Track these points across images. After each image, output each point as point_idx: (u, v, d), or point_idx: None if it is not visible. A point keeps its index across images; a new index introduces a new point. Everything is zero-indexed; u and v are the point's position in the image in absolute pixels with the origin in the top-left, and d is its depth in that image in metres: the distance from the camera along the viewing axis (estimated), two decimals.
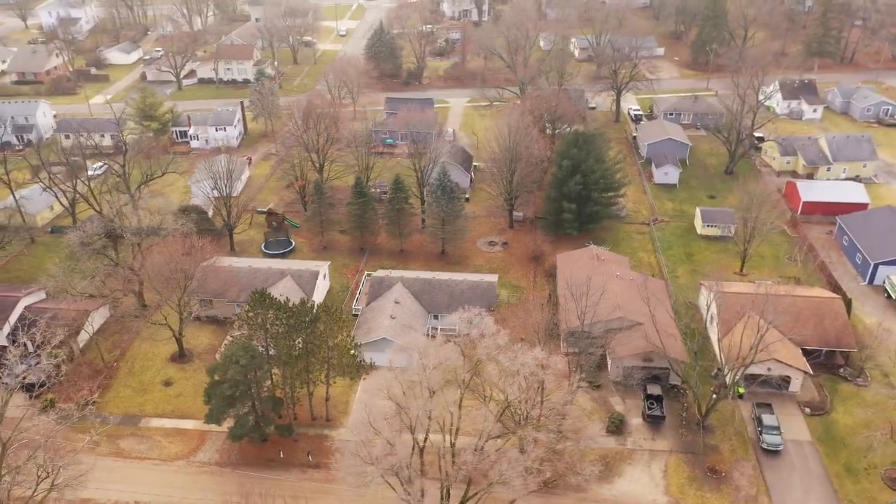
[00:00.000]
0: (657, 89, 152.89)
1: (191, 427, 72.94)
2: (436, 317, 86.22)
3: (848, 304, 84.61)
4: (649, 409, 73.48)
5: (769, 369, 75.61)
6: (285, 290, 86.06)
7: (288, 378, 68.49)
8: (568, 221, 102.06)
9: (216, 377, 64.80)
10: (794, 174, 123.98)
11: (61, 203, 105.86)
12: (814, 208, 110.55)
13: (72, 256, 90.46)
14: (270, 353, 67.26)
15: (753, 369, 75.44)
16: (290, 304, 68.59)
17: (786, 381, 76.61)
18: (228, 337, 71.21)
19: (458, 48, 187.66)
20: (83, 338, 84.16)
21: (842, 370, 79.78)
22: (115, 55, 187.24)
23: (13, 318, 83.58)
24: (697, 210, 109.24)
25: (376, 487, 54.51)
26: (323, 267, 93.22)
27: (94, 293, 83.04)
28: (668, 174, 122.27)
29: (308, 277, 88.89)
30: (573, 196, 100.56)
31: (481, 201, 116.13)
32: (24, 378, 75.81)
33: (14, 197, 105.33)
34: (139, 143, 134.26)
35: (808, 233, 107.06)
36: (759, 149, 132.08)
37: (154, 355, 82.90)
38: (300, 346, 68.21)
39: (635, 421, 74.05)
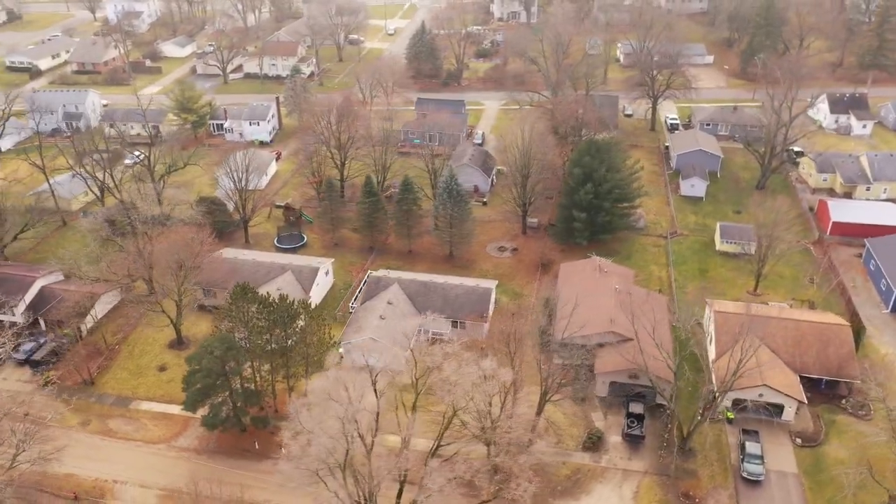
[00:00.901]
0: (699, 98, 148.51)
1: (176, 412, 75.17)
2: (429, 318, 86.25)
3: (857, 331, 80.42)
4: (629, 427, 71.71)
5: (761, 395, 72.64)
6: (284, 285, 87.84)
7: (265, 371, 69.85)
8: (578, 230, 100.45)
9: (194, 366, 66.67)
10: (831, 192, 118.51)
11: (91, 189, 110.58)
12: (844, 229, 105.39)
13: (82, 241, 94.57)
14: (248, 346, 68.67)
15: (744, 394, 73.01)
16: (272, 300, 69.92)
17: (778, 408, 73.44)
18: (215, 328, 73.18)
19: (501, 50, 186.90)
20: (91, 319, 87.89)
21: (843, 401, 75.95)
22: (169, 48, 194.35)
23: (29, 296, 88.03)
24: (718, 225, 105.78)
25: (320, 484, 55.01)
26: (325, 264, 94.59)
27: (105, 277, 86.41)
28: (694, 186, 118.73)
29: (308, 273, 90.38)
30: (584, 205, 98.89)
31: (499, 205, 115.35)
32: (30, 354, 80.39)
33: (48, 181, 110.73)
34: (176, 134, 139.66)
35: (836, 254, 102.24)
36: (796, 164, 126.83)
37: (154, 341, 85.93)
38: (280, 341, 69.47)
39: (614, 438, 72.39)
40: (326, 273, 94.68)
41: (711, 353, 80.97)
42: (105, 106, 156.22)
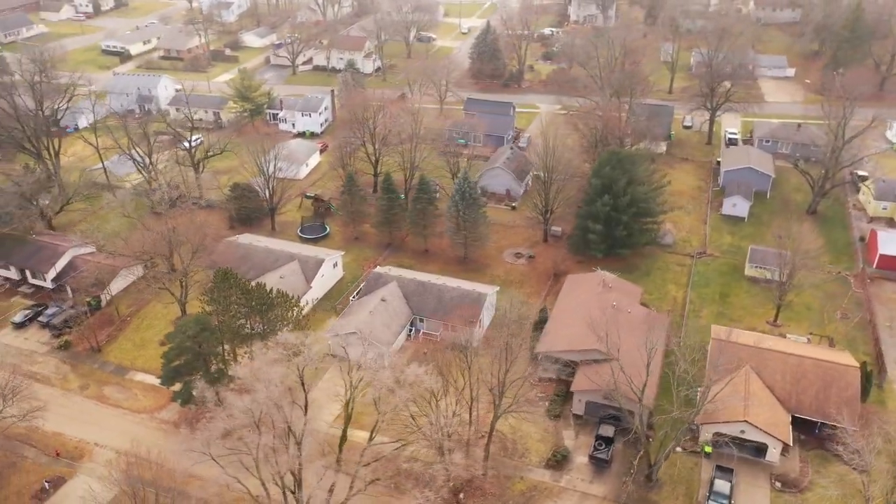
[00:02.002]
0: (769, 113, 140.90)
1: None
2: (421, 319, 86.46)
3: (868, 374, 74.08)
4: (595, 449, 69.29)
5: (742, 431, 68.42)
6: (287, 274, 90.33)
7: (241, 354, 72.23)
8: (594, 243, 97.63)
9: (170, 343, 69.88)
10: (891, 222, 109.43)
11: (139, 169, 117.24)
12: (891, 263, 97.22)
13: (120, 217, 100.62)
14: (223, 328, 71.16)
15: (725, 429, 69.08)
16: (251, 287, 72.17)
17: (762, 448, 68.89)
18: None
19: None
20: (114, 289, 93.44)
21: (840, 448, 70.14)
22: (250, 38, 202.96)
23: (60, 264, 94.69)
24: (750, 248, 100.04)
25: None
26: (334, 256, 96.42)
27: (122, 252, 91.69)
28: (736, 206, 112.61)
29: (313, 264, 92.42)
30: (601, 217, 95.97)
31: (528, 211, 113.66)
32: (50, 318, 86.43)
33: (101, 161, 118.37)
34: (235, 121, 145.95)
35: (878, 290, 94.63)
36: (858, 189, 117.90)
37: (163, 316, 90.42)
38: (257, 327, 71.66)
39: (581, 459, 70.16)
40: (335, 265, 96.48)
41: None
42: (178, 91, 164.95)
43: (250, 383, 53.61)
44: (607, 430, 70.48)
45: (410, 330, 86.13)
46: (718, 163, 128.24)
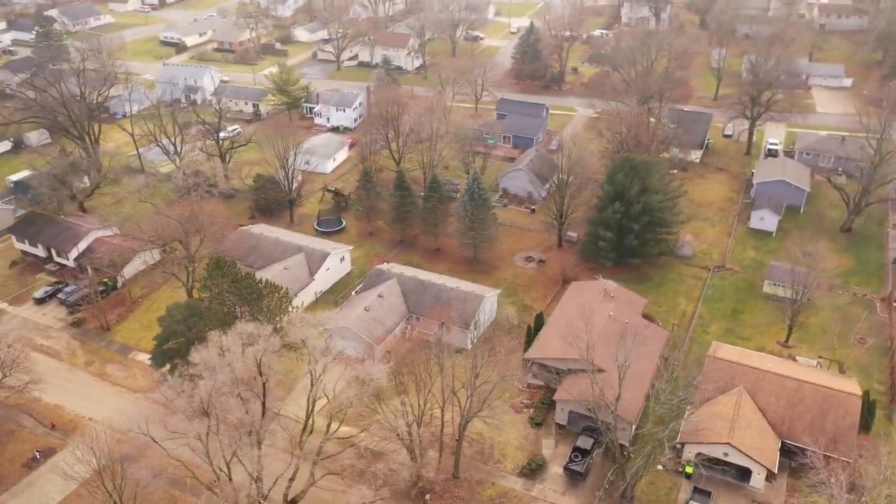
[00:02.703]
0: (816, 124, 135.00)
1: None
2: (417, 318, 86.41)
3: (870, 404, 70.06)
4: (571, 461, 67.87)
5: (725, 454, 65.84)
6: (292, 265, 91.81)
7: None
8: (604, 250, 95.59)
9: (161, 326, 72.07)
10: None
11: (168, 157, 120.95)
12: None
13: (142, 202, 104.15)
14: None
15: (708, 449, 66.64)
16: (242, 276, 73.67)
17: (746, 473, 66.10)
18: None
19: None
20: (129, 271, 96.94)
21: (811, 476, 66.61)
22: (301, 33, 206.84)
23: (82, 245, 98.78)
24: (770, 264, 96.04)
25: None
26: (341, 250, 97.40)
27: (135, 236, 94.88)
28: (764, 219, 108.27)
29: (318, 258, 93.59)
30: (611, 224, 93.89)
31: (543, 214, 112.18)
32: (68, 296, 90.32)
33: (136, 148, 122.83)
34: (273, 114, 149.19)
35: None
36: None
37: (171, 299, 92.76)
38: (246, 315, 73.09)
39: (557, 470, 68.87)
40: (342, 259, 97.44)
41: None
42: (225, 82, 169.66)
43: (201, 371, 54.81)
44: (586, 442, 68.93)
45: (406, 328, 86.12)
46: (753, 174, 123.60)
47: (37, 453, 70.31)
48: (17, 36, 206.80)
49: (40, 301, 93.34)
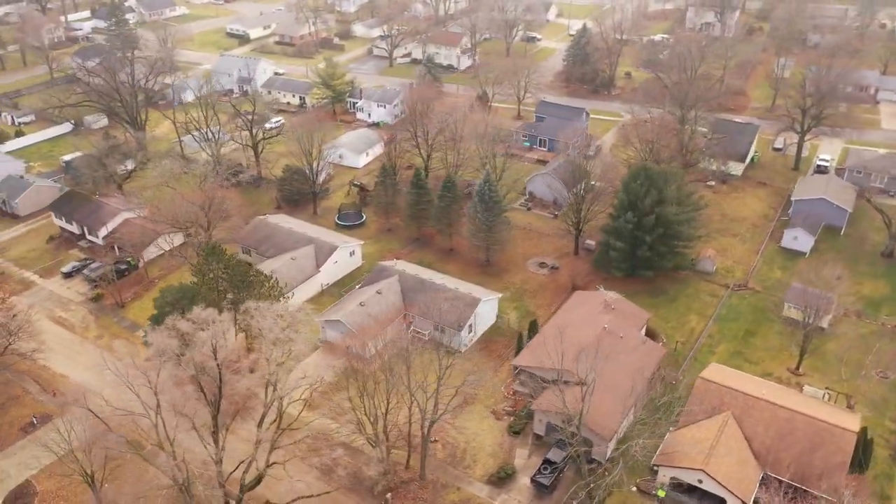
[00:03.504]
0: (879, 141, 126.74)
1: None
2: (413, 317, 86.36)
3: (867, 441, 65.42)
4: (539, 472, 66.37)
5: (700, 481, 62.97)
6: (299, 256, 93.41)
7: None
8: (615, 261, 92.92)
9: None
10: None
11: (200, 146, 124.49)
12: None
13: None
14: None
15: (683, 475, 64.00)
16: (234, 262, 75.52)
17: (722, 502, 62.97)
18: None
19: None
20: (151, 253, 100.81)
21: None
22: (359, 29, 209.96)
23: (111, 224, 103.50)
24: (792, 285, 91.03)
25: None
26: (351, 245, 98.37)
27: (157, 219, 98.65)
28: (797, 239, 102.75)
29: (327, 250, 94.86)
30: (623, 234, 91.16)
31: (563, 221, 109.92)
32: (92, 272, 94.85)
33: (178, 136, 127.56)
34: (318, 107, 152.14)
35: None
36: None
37: (185, 282, 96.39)
38: (237, 301, 74.89)
39: (525, 481, 67.46)
40: (351, 254, 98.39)
41: None
42: (279, 74, 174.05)
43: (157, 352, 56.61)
44: (557, 455, 67.22)
45: (402, 326, 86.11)
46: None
47: (34, 419, 74.19)
48: (98, 24, 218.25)
49: (67, 275, 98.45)
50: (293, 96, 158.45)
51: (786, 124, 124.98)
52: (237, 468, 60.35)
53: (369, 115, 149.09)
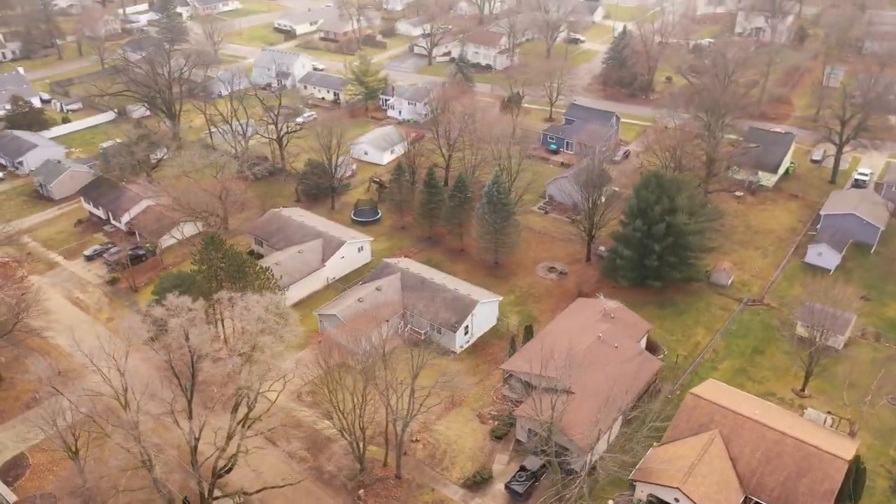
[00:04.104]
0: None
1: None
2: (412, 315, 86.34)
3: (859, 471, 62.16)
4: (514, 480, 65.49)
5: (676, 500, 61.04)
6: (307, 250, 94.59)
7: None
8: (622, 269, 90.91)
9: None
10: None
11: (224, 138, 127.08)
12: None
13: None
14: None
15: (659, 493, 62.22)
16: (231, 253, 76.98)
17: None
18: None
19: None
20: (168, 240, 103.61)
21: None
22: (403, 27, 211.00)
23: (134, 210, 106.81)
24: (805, 303, 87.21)
25: None
26: (360, 241, 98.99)
27: (176, 207, 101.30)
28: (821, 255, 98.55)
29: (334, 245, 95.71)
30: (632, 242, 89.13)
31: (576, 226, 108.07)
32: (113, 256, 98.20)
33: (208, 129, 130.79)
34: (351, 103, 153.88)
35: None
36: None
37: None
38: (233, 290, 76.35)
39: (501, 487, 66.68)
40: (360, 249, 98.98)
41: None
42: (318, 70, 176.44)
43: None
44: (534, 463, 66.20)
45: (399, 323, 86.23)
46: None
47: (36, 395, 77.16)
48: (153, 17, 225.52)
49: (89, 258, 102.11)
50: (328, 92, 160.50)
51: (823, 135, 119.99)
52: (211, 455, 61.51)
53: (399, 112, 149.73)
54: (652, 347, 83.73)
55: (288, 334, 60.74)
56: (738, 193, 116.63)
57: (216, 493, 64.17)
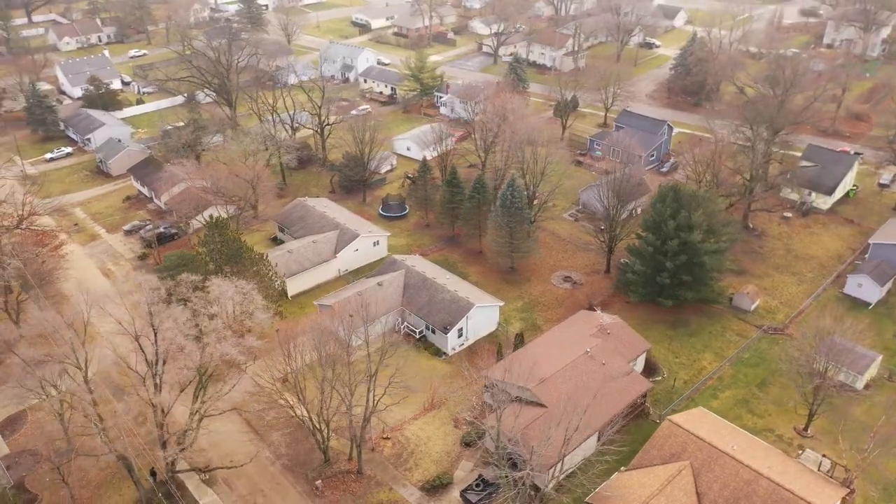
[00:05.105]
0: None
1: None
2: (410, 313, 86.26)
3: None
4: (470, 488, 64.40)
5: None
6: (321, 241, 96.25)
7: None
8: (632, 284, 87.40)
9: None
10: None
11: (285, 129, 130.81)
12: None
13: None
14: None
15: None
16: (232, 238, 79.39)
17: None
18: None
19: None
20: (198, 222, 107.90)
21: None
22: (477, 25, 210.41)
23: (174, 190, 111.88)
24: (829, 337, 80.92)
25: None
26: (377, 235, 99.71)
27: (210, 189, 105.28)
28: (861, 287, 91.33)
29: (348, 238, 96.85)
30: (645, 257, 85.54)
31: (598, 236, 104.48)
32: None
33: (259, 118, 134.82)
34: (407, 99, 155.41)
35: None
36: None
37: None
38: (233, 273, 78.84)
39: (457, 493, 65.69)
40: (375, 244, 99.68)
41: None
42: (384, 65, 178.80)
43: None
44: (493, 474, 64.72)
45: (397, 320, 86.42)
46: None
47: (48, 357, 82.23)
48: (241, 7, 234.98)
49: (127, 233, 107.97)
50: (385, 86, 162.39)
51: (889, 156, 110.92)
52: (175, 434, 63.91)
53: (452, 110, 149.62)
54: (651, 368, 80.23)
55: (252, 323, 62.17)
56: (786, 214, 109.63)
57: (185, 466, 66.84)
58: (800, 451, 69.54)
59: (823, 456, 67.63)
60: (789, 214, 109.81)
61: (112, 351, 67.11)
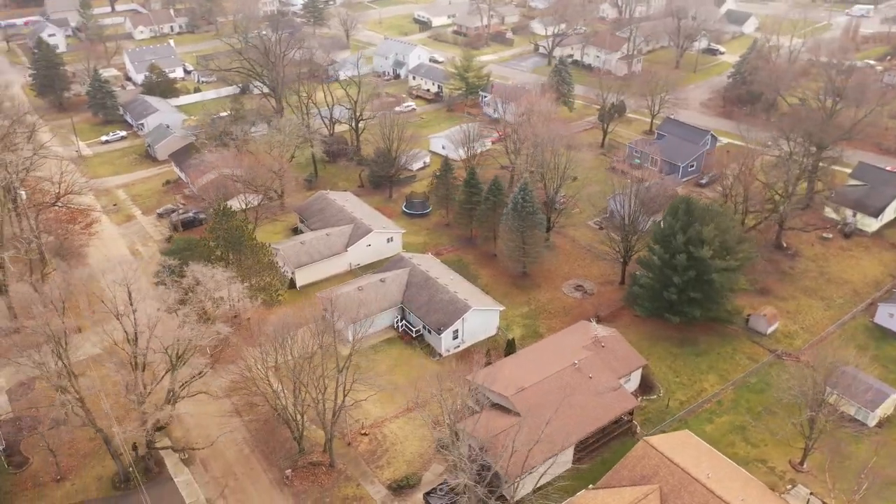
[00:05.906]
0: None
1: None
2: (409, 312, 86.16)
3: None
4: (432, 492, 63.91)
5: None
6: (335, 234, 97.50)
7: None
8: (639, 297, 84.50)
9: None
10: None
11: (324, 123, 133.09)
12: None
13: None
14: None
15: None
16: (236, 227, 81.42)
17: None
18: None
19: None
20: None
21: None
22: (536, 26, 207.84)
23: (207, 178, 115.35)
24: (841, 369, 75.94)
25: None
26: (391, 231, 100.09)
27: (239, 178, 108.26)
28: (893, 317, 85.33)
29: (361, 232, 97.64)
30: (653, 270, 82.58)
31: (612, 247, 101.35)
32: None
33: (303, 111, 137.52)
34: (452, 97, 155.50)
35: None
36: None
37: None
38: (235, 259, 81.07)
39: (421, 495, 65.33)
40: (389, 240, 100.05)
41: None
42: (437, 62, 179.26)
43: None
44: (458, 480, 63.95)
45: (395, 318, 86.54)
46: None
47: (66, 330, 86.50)
48: (308, 1, 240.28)
49: (160, 216, 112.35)
50: (433, 84, 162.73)
51: None
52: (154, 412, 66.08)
53: (494, 110, 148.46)
54: (646, 385, 77.53)
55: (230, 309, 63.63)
56: (825, 235, 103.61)
57: (166, 443, 69.26)
58: (789, 486, 65.71)
59: (811, 494, 63.64)
60: (829, 235, 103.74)
61: (102, 329, 69.15)
